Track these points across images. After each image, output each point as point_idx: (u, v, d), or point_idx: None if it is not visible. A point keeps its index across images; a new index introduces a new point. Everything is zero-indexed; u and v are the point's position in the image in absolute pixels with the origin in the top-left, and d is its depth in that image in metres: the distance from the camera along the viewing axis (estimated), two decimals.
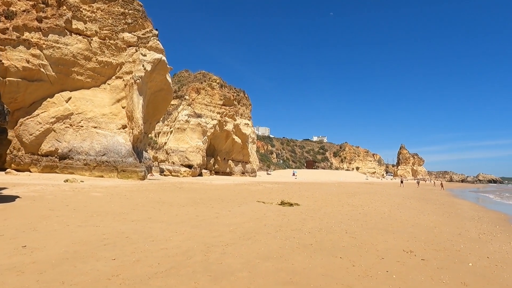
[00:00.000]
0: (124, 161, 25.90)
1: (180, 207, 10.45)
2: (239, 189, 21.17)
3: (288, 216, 10.40)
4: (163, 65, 29.12)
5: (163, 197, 13.23)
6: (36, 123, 25.22)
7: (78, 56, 26.33)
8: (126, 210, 8.95)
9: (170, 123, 52.97)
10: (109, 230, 6.32)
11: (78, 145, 25.93)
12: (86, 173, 25.28)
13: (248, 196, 16.34)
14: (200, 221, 8.26)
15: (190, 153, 48.22)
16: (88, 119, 26.65)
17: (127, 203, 10.54)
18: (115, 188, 15.89)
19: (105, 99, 27.71)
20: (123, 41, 28.15)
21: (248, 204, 13.05)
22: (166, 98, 31.87)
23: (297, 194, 19.22)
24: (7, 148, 8.31)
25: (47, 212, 7.71)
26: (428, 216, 13.21)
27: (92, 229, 6.31)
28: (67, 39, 25.91)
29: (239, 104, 63.30)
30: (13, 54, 23.81)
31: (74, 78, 26.67)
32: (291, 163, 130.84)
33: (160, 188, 18.17)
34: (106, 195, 12.35)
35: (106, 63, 27.71)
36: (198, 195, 15.16)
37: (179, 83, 63.07)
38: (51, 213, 7.59)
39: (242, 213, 10.30)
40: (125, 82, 27.91)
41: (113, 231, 6.31)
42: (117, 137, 26.85)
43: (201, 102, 55.53)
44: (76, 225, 6.60)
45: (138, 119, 26.55)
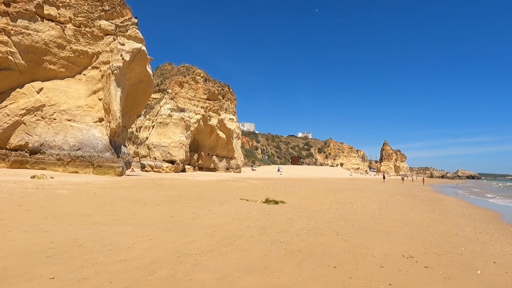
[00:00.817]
0: (101, 156, 24.50)
1: (154, 207, 9.42)
2: (222, 185, 20.20)
3: (274, 215, 9.54)
4: (143, 55, 27.70)
5: (137, 195, 12.15)
6: (4, 115, 23.48)
7: (50, 44, 24.64)
8: (90, 211, 7.87)
9: (152, 117, 51.40)
10: (60, 237, 5.27)
11: (50, 139, 24.35)
12: (59, 168, 23.76)
13: (231, 193, 15.41)
14: (174, 223, 7.28)
15: (172, 148, 46.83)
16: (61, 112, 25.06)
17: (94, 202, 9.43)
18: (86, 185, 14.66)
19: (80, 91, 26.13)
20: (99, 29, 26.57)
21: (230, 202, 12.12)
22: (146, 91, 30.45)
23: (282, 191, 18.41)
24: None
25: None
26: (419, 214, 12.61)
27: (39, 236, 5.24)
28: (38, 26, 24.19)
29: (223, 98, 62.12)
30: None
31: (46, 68, 24.98)
32: (276, 159, 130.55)
33: (137, 184, 17.01)
34: (73, 193, 11.17)
35: (81, 52, 26.10)
36: (177, 193, 14.13)
37: (161, 76, 61.39)
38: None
39: (223, 212, 9.37)
40: (102, 73, 26.39)
41: (65, 237, 5.26)
42: (93, 131, 25.38)
43: (184, 96, 54.08)
44: (21, 230, 5.51)
45: (116, 112, 25.13)
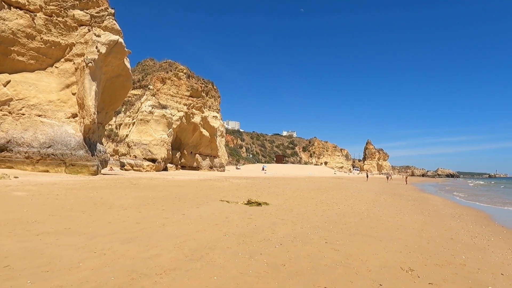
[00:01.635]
0: (74, 154, 23.03)
1: (120, 211, 8.35)
2: (202, 185, 19.17)
3: (256, 219, 8.63)
4: (120, 48, 26.27)
5: (106, 196, 11.00)
6: None
7: (18, 33, 22.97)
8: (41, 217, 6.75)
9: (133, 114, 49.71)
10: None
11: (18, 136, 22.72)
12: (28, 167, 22.19)
13: (212, 194, 14.42)
14: (139, 231, 6.27)
15: (153, 146, 45.35)
16: (31, 106, 23.44)
17: (51, 206, 8.28)
18: (52, 185, 13.38)
19: (52, 84, 24.52)
20: (73, 19, 25.00)
21: (209, 204, 11.14)
22: (124, 85, 29.00)
23: (266, 191, 17.53)
24: None
25: None
26: (409, 215, 11.96)
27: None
28: (5, 13, 22.48)
29: (207, 95, 60.85)
30: None
31: (14, 59, 23.29)
32: (260, 158, 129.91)
33: (109, 185, 15.79)
34: (31, 195, 9.95)
35: (53, 43, 24.49)
36: (152, 193, 13.04)
37: (143, 72, 59.61)
38: None
39: (199, 217, 8.39)
40: (76, 66, 24.85)
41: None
42: (65, 127, 23.85)
43: (166, 93, 52.59)
44: None
45: (90, 107, 23.68)
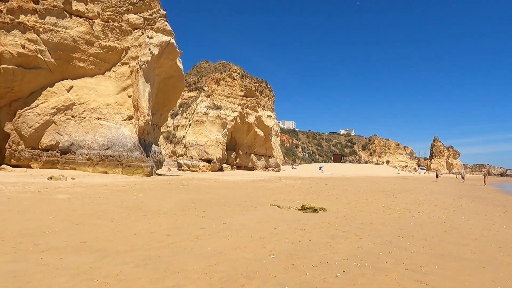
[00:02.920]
0: (130, 155, 23.38)
1: (154, 218, 7.39)
2: (253, 187, 17.99)
3: (310, 231, 7.09)
4: (172, 48, 26.27)
5: (148, 200, 10.26)
6: (36, 115, 23.14)
7: (79, 40, 23.97)
8: (62, 226, 5.97)
9: (189, 115, 50.69)
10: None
11: (80, 138, 23.68)
12: (89, 168, 23.00)
13: (262, 197, 13.11)
14: (164, 247, 5.12)
15: (209, 146, 45.63)
16: (91, 110, 24.33)
17: (83, 211, 7.60)
18: (100, 187, 13.15)
19: (109, 88, 25.27)
20: (128, 23, 25.54)
21: (257, 209, 9.83)
22: (177, 86, 29.09)
23: (323, 194, 15.76)
24: None
25: None
26: (506, 227, 9.45)
27: None
28: (67, 22, 23.58)
29: (261, 95, 60.09)
30: (7, 38, 21.70)
31: (76, 65, 24.37)
32: (317, 157, 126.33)
33: (159, 186, 15.31)
34: (72, 198, 9.52)
35: (110, 48, 25.23)
36: (197, 196, 12.11)
37: (198, 74, 60.70)
38: None
39: (242, 227, 7.09)
40: (131, 69, 25.35)
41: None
42: (122, 129, 24.37)
43: (221, 94, 52.85)
44: None
45: (144, 109, 23.90)
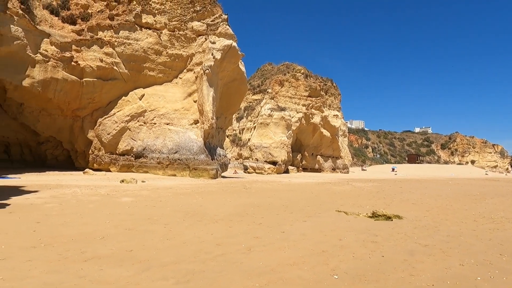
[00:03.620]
0: (196, 158, 23.99)
1: (208, 224, 6.99)
2: (319, 190, 16.94)
3: (383, 244, 6.03)
4: (234, 52, 26.44)
5: (206, 204, 10.02)
6: (113, 122, 25.08)
7: (148, 51, 25.41)
8: (114, 232, 5.85)
9: (253, 118, 51.08)
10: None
11: (151, 143, 25.02)
12: (159, 171, 24.15)
13: (327, 202, 12.11)
14: (211, 259, 4.61)
15: (274, 149, 45.32)
16: (160, 116, 25.59)
17: (140, 216, 7.53)
18: (165, 190, 13.42)
19: (177, 94, 26.34)
20: (192, 30, 26.37)
21: (321, 216, 8.93)
22: (240, 89, 29.24)
23: (397, 198, 14.12)
24: None
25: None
26: None
27: None
28: (137, 34, 25.17)
29: (326, 94, 58.11)
30: (88, 54, 23.89)
31: (146, 74, 25.87)
32: (389, 158, 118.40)
33: (221, 189, 15.20)
34: (136, 201, 9.68)
35: (176, 56, 26.31)
36: (258, 200, 11.60)
37: (262, 77, 61.00)
38: None
39: (302, 237, 6.31)
40: (196, 74, 26.10)
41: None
42: (188, 133, 25.17)
43: (284, 95, 52.33)
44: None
45: (208, 113, 24.36)
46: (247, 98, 57.97)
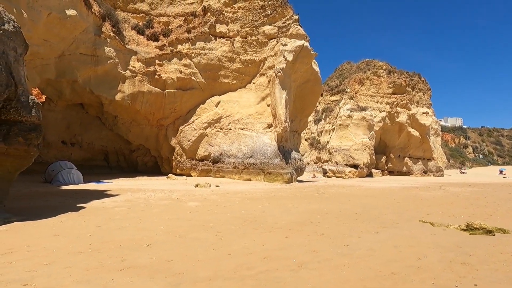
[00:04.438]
0: (270, 162, 23.76)
1: (263, 233, 6.43)
2: (402, 195, 15.07)
3: (478, 269, 4.70)
4: (306, 52, 25.63)
5: (270, 210, 9.49)
6: (192, 130, 26.40)
7: (223, 59, 26.18)
8: (162, 239, 5.68)
9: (332, 120, 49.23)
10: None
11: (227, 148, 25.62)
12: (235, 176, 24.55)
13: (410, 209, 10.53)
14: (251, 277, 4.03)
15: (354, 151, 42.85)
16: (235, 121, 26.09)
17: (195, 222, 7.34)
18: (234, 194, 13.32)
19: (250, 99, 26.59)
20: (264, 35, 26.41)
21: (399, 226, 7.66)
22: (314, 90, 28.22)
23: (504, 207, 11.65)
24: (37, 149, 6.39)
25: (20, 242, 5.21)
26: None
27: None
28: (212, 44, 26.14)
29: (413, 90, 53.11)
30: (168, 67, 25.64)
31: (221, 82, 26.69)
32: (495, 158, 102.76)
33: (292, 194, 14.55)
34: (200, 206, 9.65)
35: (249, 62, 26.61)
36: (329, 206, 10.65)
37: (340, 76, 58.66)
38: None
39: (369, 252, 5.33)
40: (268, 78, 26.02)
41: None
42: (262, 137, 25.11)
43: (365, 94, 49.38)
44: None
45: (281, 116, 23.95)
46: (325, 100, 56.20)
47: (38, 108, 6.69)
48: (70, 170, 17.84)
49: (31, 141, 6.56)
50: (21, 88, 6.40)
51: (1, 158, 6.23)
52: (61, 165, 18.15)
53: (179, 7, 28.66)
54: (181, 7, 28.62)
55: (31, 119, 6.57)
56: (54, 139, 25.18)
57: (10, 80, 6.09)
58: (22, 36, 6.56)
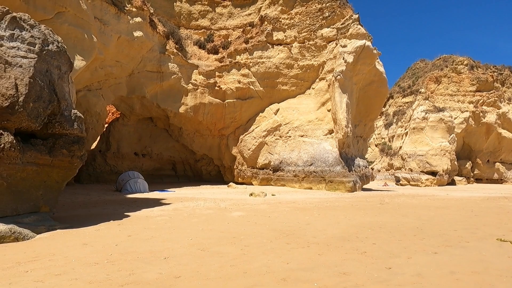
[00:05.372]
0: (332, 170, 22.59)
1: (295, 249, 5.79)
2: (483, 207, 12.87)
3: None
4: (368, 52, 24.04)
5: (317, 221, 8.74)
6: (252, 138, 26.48)
7: (280, 66, 25.93)
8: (183, 252, 5.41)
9: (404, 123, 45.60)
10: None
11: (287, 156, 25.09)
12: (296, 185, 23.88)
13: (489, 224, 8.83)
14: None
15: (431, 156, 38.86)
16: (295, 128, 25.50)
17: (230, 233, 6.98)
18: (286, 204, 12.75)
19: (310, 105, 25.80)
20: (322, 38, 25.53)
21: (467, 245, 6.36)
22: (380, 92, 26.26)
23: None
24: (80, 160, 6.76)
25: (47, 250, 5.34)
26: None
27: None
28: (270, 52, 26.09)
29: (503, 85, 46.72)
30: (228, 78, 26.23)
31: (280, 89, 26.40)
32: None
33: (350, 204, 13.45)
34: (243, 217, 9.30)
35: (308, 67, 25.92)
36: (386, 219, 9.47)
37: (413, 76, 54.37)
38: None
39: (415, 279, 4.38)
40: (328, 83, 24.98)
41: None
42: (323, 144, 24.06)
43: (443, 93, 44.86)
44: None
45: (341, 121, 22.69)
46: (396, 102, 52.45)
47: (81, 121, 7.11)
48: (137, 179, 19.06)
49: (74, 152, 6.97)
50: (64, 103, 6.85)
51: (47, 169, 6.71)
52: (129, 175, 19.52)
53: (238, 19, 29.35)
54: (239, 19, 29.28)
55: (74, 132, 6.99)
56: (127, 151, 27.42)
57: (53, 96, 6.55)
58: (67, 55, 7.06)
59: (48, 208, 7.00)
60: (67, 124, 6.83)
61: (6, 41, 6.03)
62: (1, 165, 5.80)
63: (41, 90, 6.23)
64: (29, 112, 6.04)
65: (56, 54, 6.74)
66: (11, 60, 5.91)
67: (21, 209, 6.43)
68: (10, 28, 6.13)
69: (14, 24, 6.20)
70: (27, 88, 5.94)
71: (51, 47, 6.65)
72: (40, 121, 6.34)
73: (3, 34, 6.04)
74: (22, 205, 6.44)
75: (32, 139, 6.52)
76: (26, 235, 5.84)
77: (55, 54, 6.73)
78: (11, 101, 5.76)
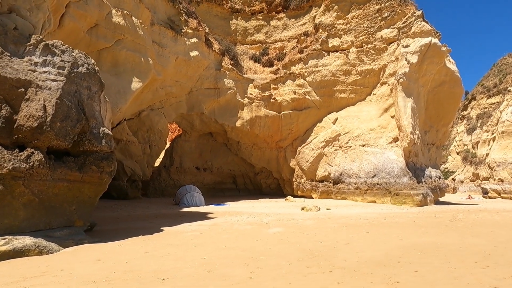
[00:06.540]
0: (398, 182, 20.56)
1: (313, 274, 5.03)
2: None
3: None
4: (436, 50, 21.67)
5: (360, 240, 7.72)
6: (310, 150, 25.58)
7: (337, 73, 24.84)
8: (187, 273, 5.03)
9: (491, 127, 40.27)
10: None
11: (347, 168, 23.62)
12: (358, 198, 22.26)
13: None
14: None
15: None
16: (355, 138, 23.97)
17: (251, 253, 6.42)
18: (336, 220, 11.74)
19: (371, 112, 24.08)
20: (381, 40, 23.87)
21: None
22: (453, 93, 23.36)
23: None
24: (109, 176, 6.99)
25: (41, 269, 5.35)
26: None
27: None
28: (325, 60, 25.20)
29: None
30: (283, 89, 25.92)
31: (338, 97, 25.22)
32: None
33: (412, 220, 11.88)
34: (277, 234, 8.66)
35: (367, 72, 24.39)
36: (448, 240, 8.01)
37: (499, 73, 48.25)
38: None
39: None
40: (390, 87, 23.12)
41: None
42: (387, 154, 22.11)
43: None
44: None
45: (407, 127, 20.63)
46: (480, 104, 46.77)
47: (109, 138, 7.37)
48: (193, 193, 19.56)
49: (103, 168, 7.22)
50: (93, 122, 7.17)
51: (78, 185, 7.03)
52: (187, 189, 20.14)
53: (293, 30, 29.10)
54: (294, 30, 29.00)
55: (103, 149, 7.26)
56: (189, 166, 28.57)
57: (81, 115, 6.90)
58: (97, 75, 7.43)
59: (82, 222, 7.33)
60: (96, 141, 7.13)
61: (39, 67, 6.56)
62: (32, 181, 6.21)
63: (68, 110, 6.61)
64: (56, 131, 6.42)
65: (85, 76, 7.13)
66: (41, 84, 6.38)
67: (55, 223, 6.81)
68: (43, 54, 6.66)
69: (46, 50, 6.72)
70: (54, 109, 6.34)
71: (81, 69, 7.06)
72: (69, 139, 6.71)
73: (37, 61, 6.58)
74: (55, 220, 6.82)
75: (65, 156, 6.93)
76: (51, 249, 6.12)
77: (85, 76, 7.12)
78: (39, 122, 6.18)
